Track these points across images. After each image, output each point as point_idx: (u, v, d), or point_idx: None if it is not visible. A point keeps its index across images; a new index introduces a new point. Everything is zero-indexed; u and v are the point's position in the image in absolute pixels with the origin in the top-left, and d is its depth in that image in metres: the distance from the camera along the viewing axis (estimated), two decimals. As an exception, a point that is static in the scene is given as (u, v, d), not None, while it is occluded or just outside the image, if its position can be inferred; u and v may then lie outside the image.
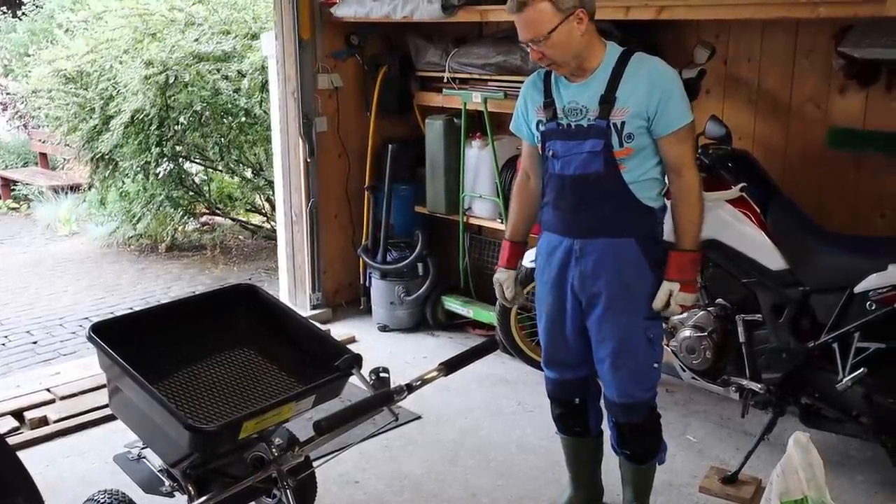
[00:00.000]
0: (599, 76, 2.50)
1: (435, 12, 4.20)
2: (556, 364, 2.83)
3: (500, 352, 4.40)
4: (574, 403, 2.87)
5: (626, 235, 2.54)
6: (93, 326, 2.51)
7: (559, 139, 2.56)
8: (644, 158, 2.52)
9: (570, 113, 2.54)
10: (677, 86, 2.49)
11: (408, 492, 3.24)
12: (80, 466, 3.43)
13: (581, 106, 2.52)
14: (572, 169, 2.54)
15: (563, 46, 2.43)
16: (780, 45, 3.65)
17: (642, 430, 2.75)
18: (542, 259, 2.74)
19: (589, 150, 2.50)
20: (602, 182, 2.51)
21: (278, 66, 4.86)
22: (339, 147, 4.99)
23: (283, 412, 2.35)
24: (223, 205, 7.46)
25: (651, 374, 2.68)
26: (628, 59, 2.50)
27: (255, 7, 6.73)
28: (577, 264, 2.60)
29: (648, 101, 2.44)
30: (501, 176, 4.42)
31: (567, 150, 2.55)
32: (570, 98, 2.54)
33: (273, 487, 2.60)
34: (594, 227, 2.55)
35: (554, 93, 2.59)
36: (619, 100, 2.46)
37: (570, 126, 2.54)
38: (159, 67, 6.15)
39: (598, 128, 2.48)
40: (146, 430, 2.51)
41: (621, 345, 2.61)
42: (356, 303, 5.18)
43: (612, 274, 2.56)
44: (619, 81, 2.47)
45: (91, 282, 6.38)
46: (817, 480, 2.09)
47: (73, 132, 6.79)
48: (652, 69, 2.49)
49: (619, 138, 2.47)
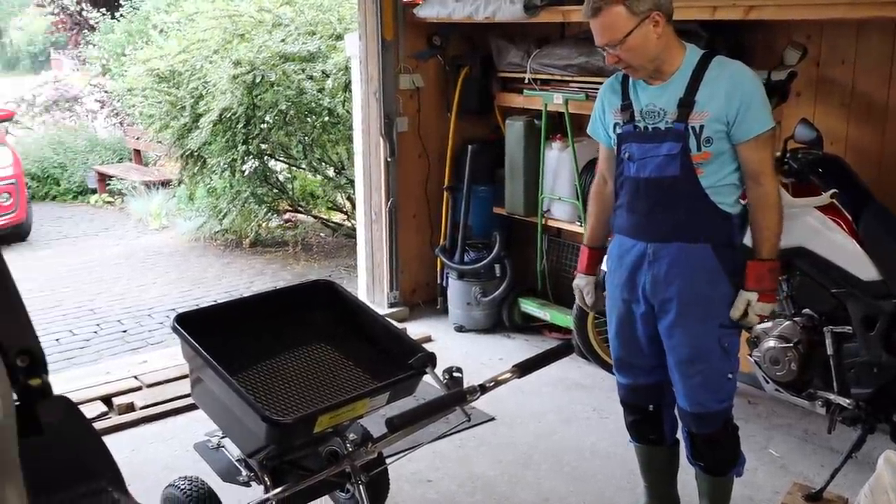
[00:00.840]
0: (678, 79, 2.45)
1: (517, 13, 4.19)
2: (627, 369, 2.78)
3: (575, 356, 4.36)
4: (647, 411, 2.81)
5: (701, 241, 2.49)
6: (177, 317, 2.59)
7: (635, 142, 2.53)
8: (722, 164, 2.46)
9: (648, 115, 2.51)
10: (759, 91, 2.43)
11: (479, 493, 3.23)
12: (164, 453, 3.54)
13: (659, 108, 2.48)
14: (648, 171, 2.50)
15: (639, 50, 2.39)
16: (876, 46, 3.50)
17: (716, 442, 2.67)
18: (613, 262, 2.70)
19: (666, 153, 2.46)
20: (678, 186, 2.46)
21: (361, 67, 4.92)
22: (419, 147, 5.03)
23: (358, 408, 2.37)
24: (305, 202, 7.61)
25: (725, 385, 2.60)
26: (709, 61, 2.45)
27: (341, 8, 6.84)
28: (649, 268, 2.55)
29: (728, 106, 2.39)
30: (581, 178, 4.37)
31: (643, 153, 2.51)
32: (649, 100, 2.51)
33: (346, 482, 2.63)
34: (668, 231, 2.50)
35: (632, 95, 2.55)
36: (698, 103, 2.42)
37: (648, 129, 2.50)
38: (247, 67, 6.32)
39: (675, 131, 2.44)
40: (225, 420, 2.57)
41: (694, 353, 2.55)
42: (433, 302, 5.20)
43: (686, 280, 2.50)
44: (699, 85, 2.42)
45: (179, 275, 6.60)
46: None
47: (165, 129, 7.04)
48: (733, 73, 2.43)
49: (697, 142, 2.43)
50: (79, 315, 5.70)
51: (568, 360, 4.31)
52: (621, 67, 2.48)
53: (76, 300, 6.01)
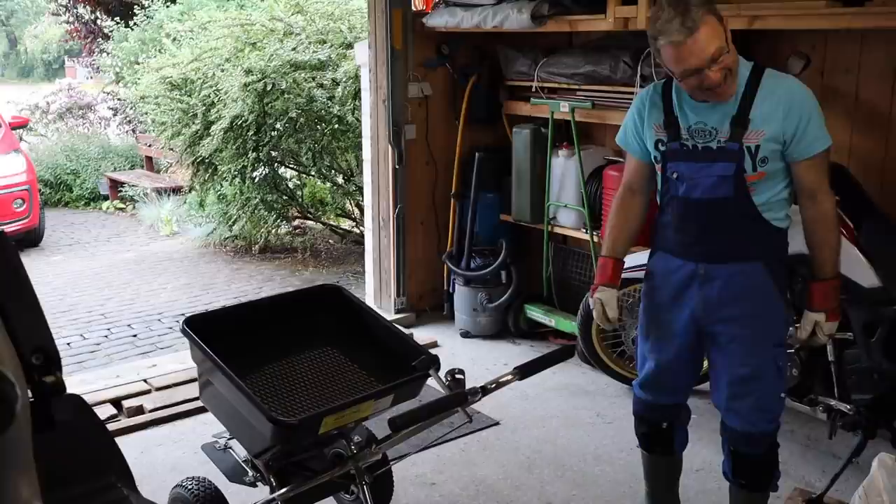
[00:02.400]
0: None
1: (525, 22, 4.24)
2: (653, 387, 2.72)
3: (580, 362, 4.40)
4: (661, 427, 2.78)
5: (754, 260, 2.43)
6: (187, 320, 2.64)
7: (684, 161, 2.43)
8: (776, 181, 2.40)
9: (697, 134, 2.40)
10: (816, 107, 2.35)
11: (483, 496, 3.27)
12: (172, 454, 3.59)
13: (710, 127, 2.37)
14: (699, 192, 2.41)
15: (733, 61, 2.27)
16: (880, 56, 3.53)
17: (761, 463, 2.63)
18: (657, 279, 2.62)
19: (719, 173, 2.37)
20: (731, 207, 2.39)
21: (370, 75, 4.98)
22: (426, 155, 5.08)
23: (363, 410, 2.41)
24: (315, 209, 7.67)
25: (777, 405, 2.56)
26: (760, 76, 2.35)
27: (351, 17, 6.90)
28: (700, 289, 2.48)
29: (786, 125, 2.30)
30: (587, 186, 4.41)
31: (693, 173, 2.41)
32: (698, 118, 2.40)
33: (351, 483, 2.67)
34: (722, 252, 2.43)
35: (676, 110, 2.44)
36: (753, 121, 2.32)
37: (697, 147, 2.40)
38: (258, 75, 6.38)
39: (729, 150, 2.34)
40: (233, 422, 2.61)
41: (750, 372, 2.48)
42: (439, 308, 5.24)
43: (741, 300, 2.44)
44: (753, 101, 2.32)
45: (189, 280, 6.67)
46: None
47: (177, 137, 7.11)
48: (790, 90, 2.34)
49: (752, 162, 2.34)
50: (90, 319, 5.77)
51: (572, 366, 4.38)
52: (718, 89, 2.29)
53: (87, 305, 6.08)
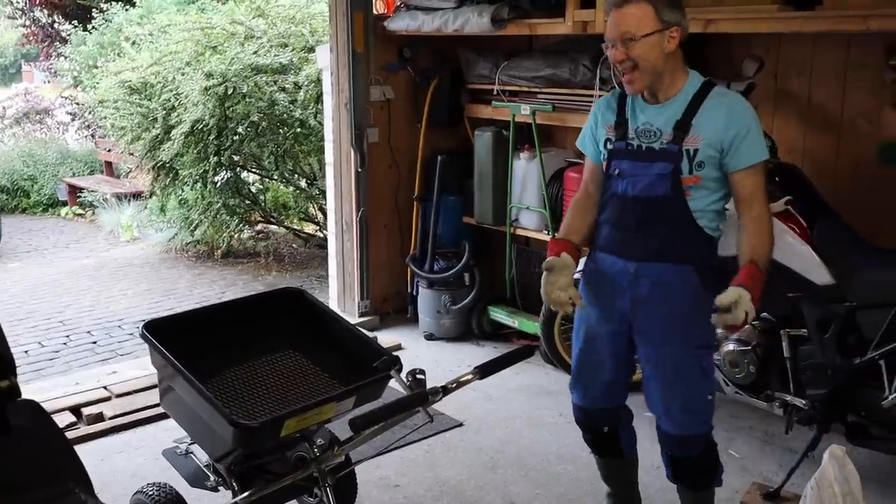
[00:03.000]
0: (678, 101, 2.47)
1: (485, 26, 4.27)
2: (584, 389, 2.76)
3: (543, 362, 4.43)
4: (602, 431, 2.81)
5: (685, 262, 2.49)
6: (146, 325, 2.62)
7: (627, 159, 2.53)
8: (711, 191, 2.48)
9: (643, 134, 2.51)
10: (756, 122, 2.46)
11: (447, 497, 3.28)
12: (133, 461, 3.55)
13: (655, 128, 2.49)
14: (637, 189, 2.50)
15: (650, 54, 2.38)
16: (831, 58, 3.61)
17: (698, 464, 2.67)
18: (591, 277, 2.68)
19: (658, 172, 2.47)
20: (666, 206, 2.47)
21: (332, 78, 4.97)
22: (389, 158, 5.08)
23: (325, 412, 2.41)
24: (278, 213, 7.63)
25: (706, 407, 2.60)
26: (709, 90, 2.48)
27: (313, 21, 6.88)
28: (630, 288, 2.54)
29: (724, 134, 2.41)
30: (549, 188, 4.45)
31: (634, 170, 2.51)
32: (646, 120, 2.51)
33: (314, 486, 2.66)
34: (653, 251, 2.51)
35: (628, 113, 2.56)
36: (694, 127, 2.43)
37: (641, 147, 2.51)
38: (219, 79, 6.34)
39: (669, 152, 2.45)
40: (194, 426, 2.60)
41: (675, 375, 2.54)
42: (403, 311, 5.25)
43: (669, 301, 2.50)
44: (698, 110, 2.44)
45: (149, 286, 6.59)
46: (853, 495, 2.07)
47: (136, 141, 7.03)
48: (732, 103, 2.46)
49: (689, 165, 2.44)
50: (48, 327, 5.67)
51: (535, 366, 4.41)
52: (622, 68, 2.43)
53: (45, 312, 5.98)
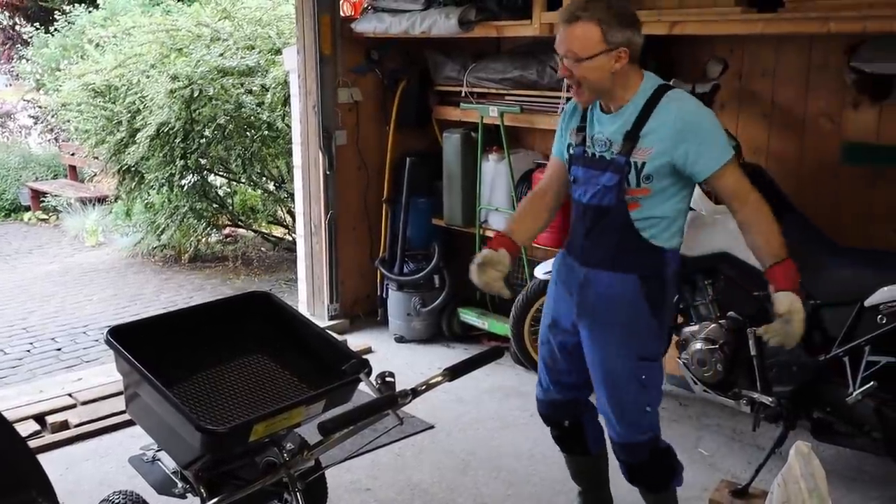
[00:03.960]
0: (629, 110, 2.44)
1: (452, 28, 4.27)
2: (545, 382, 2.82)
3: (513, 364, 4.44)
4: (564, 426, 2.85)
5: (628, 272, 2.49)
6: (111, 330, 2.57)
7: (582, 166, 2.54)
8: (662, 199, 2.46)
9: (597, 143, 2.50)
10: (709, 125, 2.41)
11: (418, 500, 3.27)
12: (99, 469, 3.50)
13: (606, 138, 2.48)
14: (587, 197, 2.53)
15: (593, 75, 2.38)
16: (794, 59, 3.66)
17: (646, 470, 2.69)
18: (557, 274, 2.73)
19: (605, 182, 2.47)
20: (611, 215, 2.48)
21: (300, 81, 4.95)
22: (357, 160, 5.06)
23: (294, 416, 2.39)
24: (246, 217, 7.57)
25: (643, 418, 2.60)
26: (661, 96, 2.42)
27: (280, 23, 6.84)
28: (579, 292, 2.58)
29: (676, 148, 2.37)
30: (517, 189, 4.46)
31: (587, 178, 2.53)
32: (600, 128, 2.50)
33: (284, 491, 2.63)
34: (600, 259, 2.52)
35: (588, 119, 2.55)
36: (643, 139, 2.40)
37: (595, 155, 2.51)
38: (185, 82, 6.28)
39: (617, 163, 2.44)
40: (160, 433, 2.56)
41: (610, 384, 2.57)
42: (373, 314, 5.23)
43: (607, 309, 2.52)
44: (647, 121, 2.40)
45: (115, 291, 6.50)
46: (819, 491, 2.09)
47: (101, 145, 6.94)
48: (682, 112, 2.39)
49: (636, 177, 2.42)
50: (11, 334, 5.57)
51: (506, 367, 4.42)
52: (569, 83, 2.47)
53: (8, 319, 5.87)
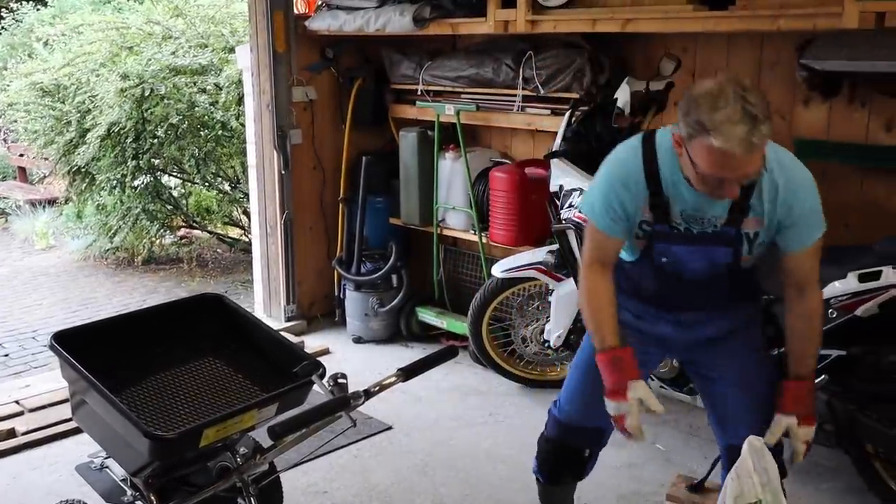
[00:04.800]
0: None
1: (407, 25, 4.24)
2: (581, 410, 2.47)
3: (472, 363, 4.43)
4: (584, 456, 2.55)
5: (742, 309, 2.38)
6: (56, 335, 2.50)
7: (676, 243, 2.24)
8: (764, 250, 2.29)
9: (692, 220, 2.20)
10: (816, 198, 2.20)
11: (376, 502, 3.24)
12: (48, 478, 3.41)
13: (710, 216, 2.19)
14: (690, 273, 2.28)
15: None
16: (746, 57, 3.70)
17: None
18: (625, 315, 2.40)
19: (718, 260, 2.24)
20: (723, 281, 2.28)
21: (253, 79, 4.88)
22: (313, 159, 5.01)
23: (245, 420, 2.34)
24: (201, 218, 7.45)
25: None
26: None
27: (233, 21, 6.75)
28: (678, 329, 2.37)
29: (782, 213, 2.16)
30: (474, 188, 4.45)
31: (687, 256, 2.25)
32: (696, 205, 2.18)
33: (237, 496, 2.58)
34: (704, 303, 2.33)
35: (667, 190, 2.19)
36: (752, 209, 2.16)
37: (692, 231, 2.21)
38: (135, 80, 6.17)
39: (726, 236, 2.19)
40: (108, 440, 2.49)
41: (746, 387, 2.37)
42: (331, 315, 5.18)
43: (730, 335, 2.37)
44: (754, 189, 2.15)
45: (66, 295, 6.36)
46: (772, 484, 2.11)
47: (50, 145, 6.79)
48: (790, 178, 2.16)
49: (749, 246, 2.22)
50: (-43, 340, 5.42)
51: (464, 366, 4.41)
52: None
53: (-46, 325, 5.72)
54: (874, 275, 2.85)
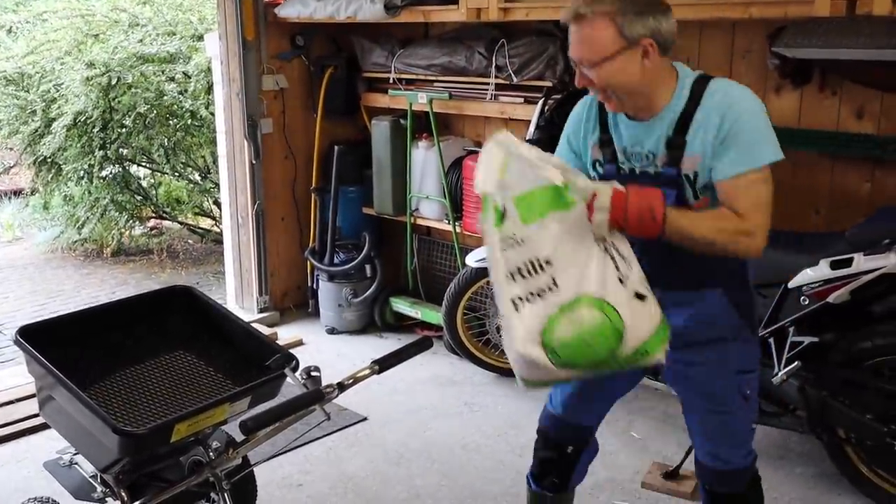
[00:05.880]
0: (668, 114, 2.03)
1: (378, 13, 4.19)
2: (570, 404, 2.41)
3: (447, 353, 4.42)
4: (566, 452, 2.47)
5: (712, 288, 2.15)
6: (21, 330, 2.44)
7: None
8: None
9: (634, 157, 2.10)
10: (760, 122, 1.99)
11: (351, 493, 3.21)
12: (16, 475, 3.35)
13: (647, 151, 2.07)
14: None
15: (618, 79, 1.98)
16: (718, 45, 3.70)
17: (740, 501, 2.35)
18: None
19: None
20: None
21: (222, 68, 4.81)
22: (285, 149, 4.95)
23: (217, 414, 2.30)
24: (171, 208, 7.35)
25: (750, 436, 2.30)
26: (703, 89, 2.01)
27: (202, 8, 6.65)
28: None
29: (718, 140, 1.98)
30: (448, 177, 4.43)
31: None
32: (633, 139, 2.09)
33: (210, 491, 2.55)
34: (672, 279, 2.12)
35: (611, 129, 2.14)
36: (689, 145, 2.01)
37: (636, 172, 2.10)
38: (102, 69, 6.05)
39: (667, 176, 2.04)
40: (76, 436, 2.45)
41: (713, 401, 2.22)
42: (304, 306, 5.14)
43: (698, 330, 2.17)
44: (691, 122, 2.00)
45: (33, 287, 6.25)
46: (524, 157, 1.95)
47: (14, 135, 6.65)
48: (723, 100, 1.99)
49: (693, 190, 2.04)
50: (-80, 335, 5.31)
51: (439, 356, 4.39)
52: (592, 94, 2.10)
53: (-83, 319, 5.59)
54: (846, 262, 2.87)
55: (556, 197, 1.92)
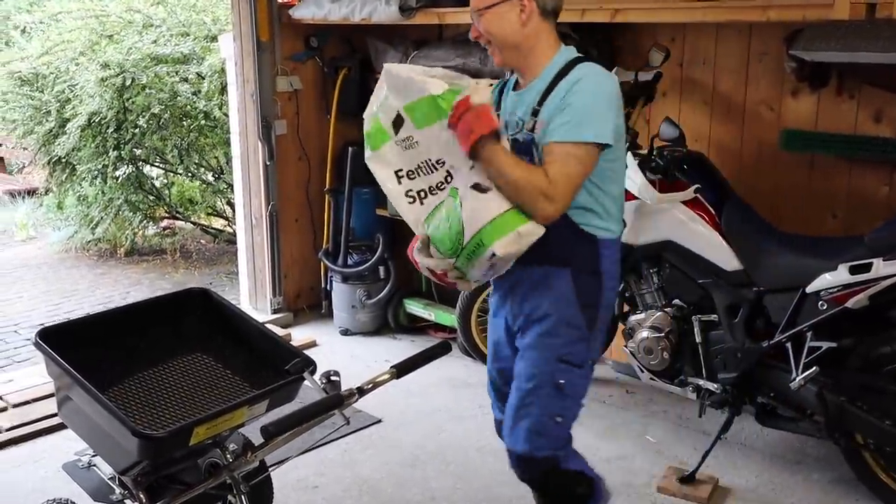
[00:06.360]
0: (538, 85, 2.19)
1: (393, 14, 4.19)
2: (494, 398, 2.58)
3: (461, 355, 4.41)
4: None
5: (561, 266, 2.22)
6: (40, 332, 2.46)
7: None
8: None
9: (511, 125, 2.24)
10: (598, 99, 2.11)
11: (367, 496, 3.22)
12: (33, 475, 3.36)
13: (518, 118, 2.23)
14: None
15: (496, 28, 2.16)
16: (734, 48, 3.69)
17: (544, 489, 2.41)
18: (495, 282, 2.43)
19: None
20: None
21: (236, 69, 4.82)
22: (298, 150, 4.96)
23: (236, 417, 2.31)
24: (184, 209, 7.37)
25: (546, 428, 2.29)
26: (572, 68, 2.16)
27: (215, 9, 6.67)
28: (516, 290, 2.32)
29: (555, 112, 2.12)
30: (462, 178, 4.42)
31: None
32: (511, 108, 2.27)
33: (228, 494, 2.56)
34: (531, 253, 2.16)
35: (502, 102, 2.31)
36: (541, 112, 2.15)
37: (513, 140, 2.21)
38: (116, 70, 6.08)
39: (526, 143, 2.17)
40: (95, 438, 2.45)
41: (525, 383, 2.28)
42: (318, 307, 5.14)
43: (536, 303, 2.25)
44: (551, 93, 2.15)
45: (47, 287, 6.28)
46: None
47: (29, 135, 6.69)
48: (576, 76, 2.13)
49: (539, 154, 2.16)
50: (-64, 334, 5.34)
51: (454, 359, 4.39)
52: (483, 44, 2.24)
53: (-67, 318, 5.63)
54: (865, 266, 2.85)
55: (434, 106, 2.12)
